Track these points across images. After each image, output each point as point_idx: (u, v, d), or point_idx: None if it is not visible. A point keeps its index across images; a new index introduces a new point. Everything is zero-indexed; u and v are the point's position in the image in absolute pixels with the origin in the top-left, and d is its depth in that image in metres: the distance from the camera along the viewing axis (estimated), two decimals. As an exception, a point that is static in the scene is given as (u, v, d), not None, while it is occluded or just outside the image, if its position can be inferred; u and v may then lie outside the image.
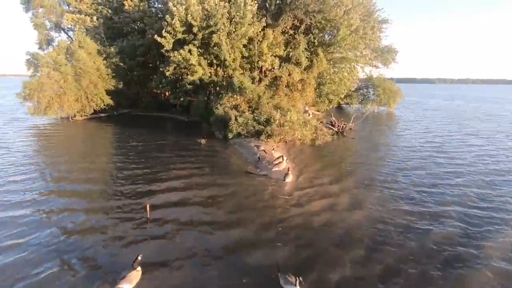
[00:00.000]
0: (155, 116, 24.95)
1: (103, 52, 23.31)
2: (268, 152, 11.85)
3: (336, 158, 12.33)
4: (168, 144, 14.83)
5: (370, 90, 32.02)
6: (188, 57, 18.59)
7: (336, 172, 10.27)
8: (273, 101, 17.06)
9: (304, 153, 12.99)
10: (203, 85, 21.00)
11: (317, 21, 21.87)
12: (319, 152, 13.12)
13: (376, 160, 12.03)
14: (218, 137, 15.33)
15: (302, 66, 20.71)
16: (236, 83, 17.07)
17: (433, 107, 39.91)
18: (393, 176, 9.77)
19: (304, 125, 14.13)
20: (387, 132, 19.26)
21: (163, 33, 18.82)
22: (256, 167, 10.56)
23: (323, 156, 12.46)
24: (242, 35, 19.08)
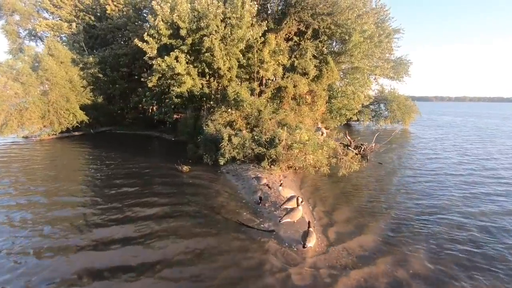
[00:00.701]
0: (140, 134, 21.59)
1: (79, 61, 20.27)
2: (273, 187, 8.31)
3: (374, 197, 8.69)
4: (139, 171, 11.30)
5: (382, 105, 28.91)
6: (174, 65, 15.43)
7: (385, 226, 6.62)
8: (277, 117, 13.69)
9: (323, 188, 9.43)
10: (192, 98, 17.76)
11: (326, 26, 18.96)
12: (344, 186, 9.55)
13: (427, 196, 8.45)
14: (206, 162, 11.83)
15: (310, 76, 17.54)
16: (231, 94, 13.78)
17: (447, 123, 36.78)
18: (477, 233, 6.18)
19: (319, 147, 10.68)
20: (414, 153, 15.77)
21: (144, 36, 15.78)
22: (255, 213, 6.99)
23: (352, 194, 8.84)
24: (239, 39, 16.03)
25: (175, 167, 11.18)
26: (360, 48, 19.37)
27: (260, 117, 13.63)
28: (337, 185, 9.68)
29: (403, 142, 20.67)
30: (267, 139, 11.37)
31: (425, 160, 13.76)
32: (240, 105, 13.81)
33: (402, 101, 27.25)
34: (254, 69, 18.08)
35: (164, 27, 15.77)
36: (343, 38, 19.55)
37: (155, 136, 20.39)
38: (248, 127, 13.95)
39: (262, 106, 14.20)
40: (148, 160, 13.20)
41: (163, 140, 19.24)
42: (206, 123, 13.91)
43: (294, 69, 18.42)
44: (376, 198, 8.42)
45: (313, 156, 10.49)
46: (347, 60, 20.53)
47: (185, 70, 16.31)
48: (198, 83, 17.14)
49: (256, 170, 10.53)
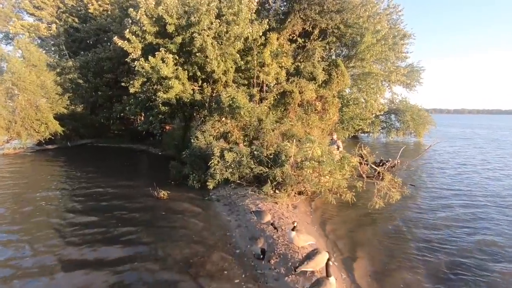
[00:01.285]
0: (124, 148, 19.04)
1: (56, 65, 17.97)
2: (281, 228, 5.69)
3: (438, 243, 5.90)
4: (104, 196, 8.68)
5: (392, 116, 26.53)
6: (159, 66, 13.05)
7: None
8: (281, 127, 11.20)
9: (352, 227, 6.76)
10: (182, 106, 15.32)
11: (335, 26, 16.79)
12: (382, 223, 6.92)
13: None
14: (192, 185, 9.24)
15: (318, 81, 15.15)
16: (225, 99, 11.33)
17: (459, 135, 34.47)
18: None
19: (339, 166, 8.10)
20: (445, 170, 13.20)
21: (126, 34, 13.49)
22: (254, 279, 4.34)
23: (402, 238, 6.15)
24: (235, 37, 13.74)
25: (151, 191, 8.56)
26: (373, 50, 17.16)
27: (260, 127, 11.14)
28: (371, 220, 7.04)
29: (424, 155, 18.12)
30: (270, 155, 8.83)
31: (466, 181, 11.18)
32: (236, 113, 11.34)
33: (416, 111, 24.88)
34: (253, 73, 15.76)
35: (149, 23, 13.50)
36: (354, 40, 17.36)
37: (141, 150, 17.83)
38: (246, 139, 11.44)
39: (263, 114, 11.74)
40: (122, 180, 10.61)
41: (149, 155, 16.67)
42: (195, 135, 11.41)
43: (299, 73, 16.09)
44: (443, 246, 5.72)
45: (331, 178, 7.91)
46: (358, 64, 18.30)
47: (173, 73, 13.94)
48: (189, 88, 14.73)
49: (255, 196, 7.93)
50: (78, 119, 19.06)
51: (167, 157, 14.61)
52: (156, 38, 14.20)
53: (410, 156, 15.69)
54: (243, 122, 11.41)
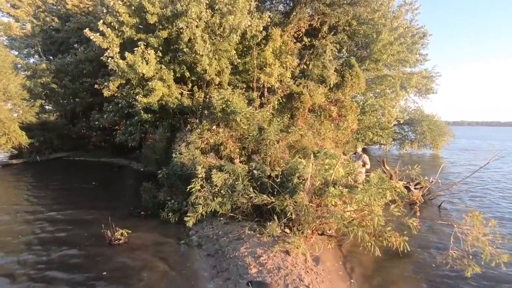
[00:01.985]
0: (104, 163, 16.46)
1: (26, 68, 15.65)
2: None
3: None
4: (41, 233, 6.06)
5: (405, 126, 24.05)
6: (138, 64, 10.65)
7: None
8: (289, 137, 8.69)
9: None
10: (167, 113, 12.85)
11: (346, 23, 14.57)
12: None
13: None
14: (166, 219, 6.63)
15: (330, 84, 12.77)
16: (217, 102, 8.85)
17: (471, 147, 32.12)
18: None
19: (378, 193, 5.50)
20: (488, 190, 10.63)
21: (99, 26, 11.16)
22: None
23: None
24: (231, 29, 11.41)
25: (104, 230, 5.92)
26: (390, 50, 14.88)
27: (262, 138, 8.62)
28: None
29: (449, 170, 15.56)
30: (276, 177, 6.26)
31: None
32: (231, 120, 8.85)
33: (432, 121, 22.42)
34: (253, 75, 13.39)
35: (126, 12, 11.21)
36: (367, 39, 15.11)
37: (121, 165, 15.23)
38: (243, 153, 8.91)
39: (265, 122, 9.24)
40: (78, 207, 8.00)
41: (129, 171, 14.08)
42: (178, 148, 8.90)
43: (306, 76, 13.74)
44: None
45: (369, 213, 5.33)
46: (372, 66, 15.98)
47: (156, 73, 11.55)
48: (175, 91, 12.30)
49: (255, 239, 5.32)
50: (52, 130, 16.56)
51: (149, 175, 12.02)
52: (137, 32, 11.91)
53: (436, 173, 13.13)
54: (240, 132, 8.90)
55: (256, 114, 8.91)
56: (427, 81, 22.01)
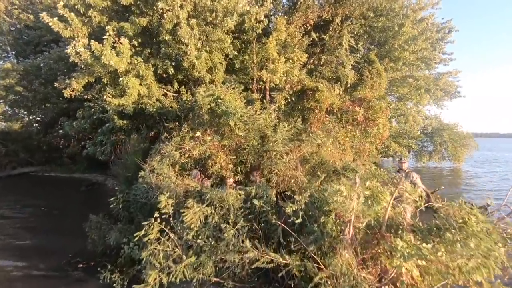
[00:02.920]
0: (75, 179, 13.91)
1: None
2: None
3: None
4: None
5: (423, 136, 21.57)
6: (106, 55, 8.28)
7: None
8: (302, 148, 6.21)
9: None
10: (147, 119, 10.45)
11: (361, 14, 12.39)
12: None
13: None
14: (106, 282, 4.09)
15: (346, 83, 10.43)
16: (203, 100, 6.42)
17: (487, 158, 29.81)
18: None
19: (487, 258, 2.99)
20: None
21: (59, 8, 8.87)
22: None
23: None
24: (225, 12, 9.13)
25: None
26: (414, 46, 12.63)
27: (265, 149, 6.15)
28: None
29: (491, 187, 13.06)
30: (290, 214, 3.74)
31: None
32: (222, 123, 6.39)
33: (454, 130, 19.98)
34: (253, 74, 11.07)
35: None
36: (387, 33, 12.89)
37: (93, 182, 12.64)
38: (239, 170, 6.45)
39: (270, 127, 6.76)
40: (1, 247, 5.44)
41: (101, 190, 11.52)
42: (150, 163, 6.43)
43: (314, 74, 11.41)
44: None
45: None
46: (391, 66, 13.71)
47: (132, 68, 9.21)
48: (156, 92, 9.93)
49: None
50: (16, 140, 14.12)
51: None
52: (110, 19, 9.65)
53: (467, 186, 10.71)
54: (235, 140, 6.43)
55: (257, 116, 6.43)
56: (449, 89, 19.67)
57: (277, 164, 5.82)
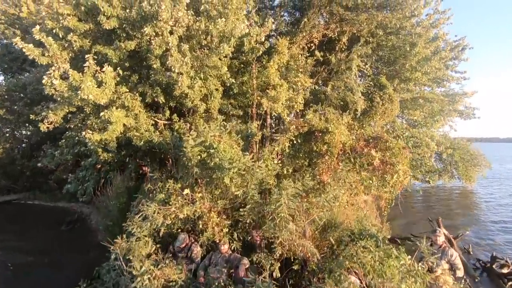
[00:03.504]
0: (59, 209, 12.84)
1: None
2: None
3: None
4: None
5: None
6: (86, 87, 7.24)
7: None
8: (314, 212, 5.14)
9: None
10: (135, 152, 9.40)
11: (369, 32, 11.43)
12: None
13: None
14: None
15: (356, 111, 9.42)
16: (191, 151, 5.36)
17: (496, 174, 28.54)
18: None
19: None
20: None
21: (34, 33, 7.86)
22: None
23: None
24: (221, 37, 8.14)
25: None
26: (428, 66, 11.66)
27: (267, 210, 5.08)
28: None
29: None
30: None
31: None
32: (215, 179, 5.33)
33: (465, 149, 18.92)
34: (252, 98, 10.08)
35: (73, 14, 7.99)
36: (397, 52, 11.94)
37: (76, 218, 11.40)
38: (235, 234, 5.37)
39: (271, 178, 5.68)
40: None
41: (83, 229, 10.32)
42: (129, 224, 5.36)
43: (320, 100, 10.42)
44: None
45: None
46: (402, 87, 12.72)
47: (117, 98, 8.19)
48: (145, 122, 8.89)
49: None
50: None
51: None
52: (94, 43, 8.66)
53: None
54: (230, 199, 5.37)
55: (257, 169, 5.36)
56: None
57: (281, 231, 4.76)
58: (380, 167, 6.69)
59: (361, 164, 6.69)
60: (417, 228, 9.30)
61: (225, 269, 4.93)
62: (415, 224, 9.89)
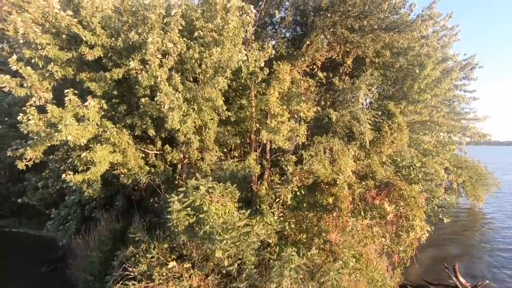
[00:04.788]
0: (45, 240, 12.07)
1: None
2: None
3: None
4: None
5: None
6: (63, 131, 6.48)
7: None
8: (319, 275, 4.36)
9: None
10: (122, 188, 8.65)
11: (375, 53, 10.74)
12: None
13: None
14: None
15: (364, 141, 8.69)
16: (178, 215, 4.61)
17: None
18: None
19: None
20: None
21: (11, 63, 7.10)
22: None
23: None
24: (216, 67, 7.41)
25: None
26: (438, 88, 10.96)
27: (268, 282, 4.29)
28: None
29: None
30: None
31: None
32: (206, 249, 4.56)
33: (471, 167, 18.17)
34: (251, 126, 9.35)
35: (53, 43, 7.26)
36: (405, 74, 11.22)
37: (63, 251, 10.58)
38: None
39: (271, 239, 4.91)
40: None
41: (64, 274, 9.41)
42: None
43: (325, 127, 9.70)
44: None
45: None
46: (410, 109, 12.00)
47: (102, 135, 7.45)
48: (134, 158, 8.13)
49: None
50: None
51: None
52: (78, 70, 7.93)
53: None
54: (223, 271, 4.60)
55: (254, 235, 4.59)
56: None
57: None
58: (394, 221, 5.94)
59: (372, 217, 5.93)
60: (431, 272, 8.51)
61: None
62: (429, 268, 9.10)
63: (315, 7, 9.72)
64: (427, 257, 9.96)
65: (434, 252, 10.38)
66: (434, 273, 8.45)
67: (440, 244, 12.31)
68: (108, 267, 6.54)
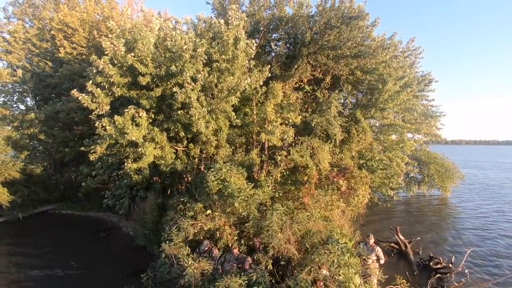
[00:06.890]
0: (90, 219, 15.27)
1: (13, 119, 14.83)
2: None
3: None
4: None
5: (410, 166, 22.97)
6: (128, 128, 9.74)
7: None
8: (295, 226, 7.61)
9: None
10: (160, 174, 11.88)
11: (349, 72, 13.99)
12: None
13: None
14: None
15: (335, 141, 11.93)
16: (213, 184, 7.84)
17: (488, 181, 30.58)
18: None
19: None
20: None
21: (88, 86, 10.39)
22: None
23: None
24: (230, 89, 10.68)
25: None
26: (397, 99, 14.15)
27: (263, 226, 7.53)
28: None
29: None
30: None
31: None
32: (229, 202, 7.81)
33: (439, 161, 21.47)
34: (253, 129, 12.54)
35: (117, 73, 10.48)
36: (373, 87, 14.45)
37: (109, 226, 13.87)
38: (243, 241, 7.81)
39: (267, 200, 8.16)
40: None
41: (118, 237, 12.68)
42: (168, 232, 7.78)
43: (309, 129, 12.91)
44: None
45: None
46: (377, 115, 15.19)
47: (148, 135, 10.67)
48: (169, 152, 11.37)
49: None
50: (37, 182, 15.52)
51: (140, 250, 10.67)
52: (129, 90, 11.16)
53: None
54: (238, 215, 7.85)
55: (257, 196, 7.86)
56: (432, 121, 21.17)
57: (273, 239, 7.20)
58: (346, 191, 9.19)
59: (332, 189, 9.18)
60: (381, 234, 11.83)
61: (235, 264, 7.34)
62: (381, 231, 12.35)
63: (302, 40, 12.93)
64: (382, 224, 13.14)
65: (404, 230, 13.53)
66: (385, 235, 11.72)
67: (408, 223, 15.43)
68: (157, 224, 9.80)
